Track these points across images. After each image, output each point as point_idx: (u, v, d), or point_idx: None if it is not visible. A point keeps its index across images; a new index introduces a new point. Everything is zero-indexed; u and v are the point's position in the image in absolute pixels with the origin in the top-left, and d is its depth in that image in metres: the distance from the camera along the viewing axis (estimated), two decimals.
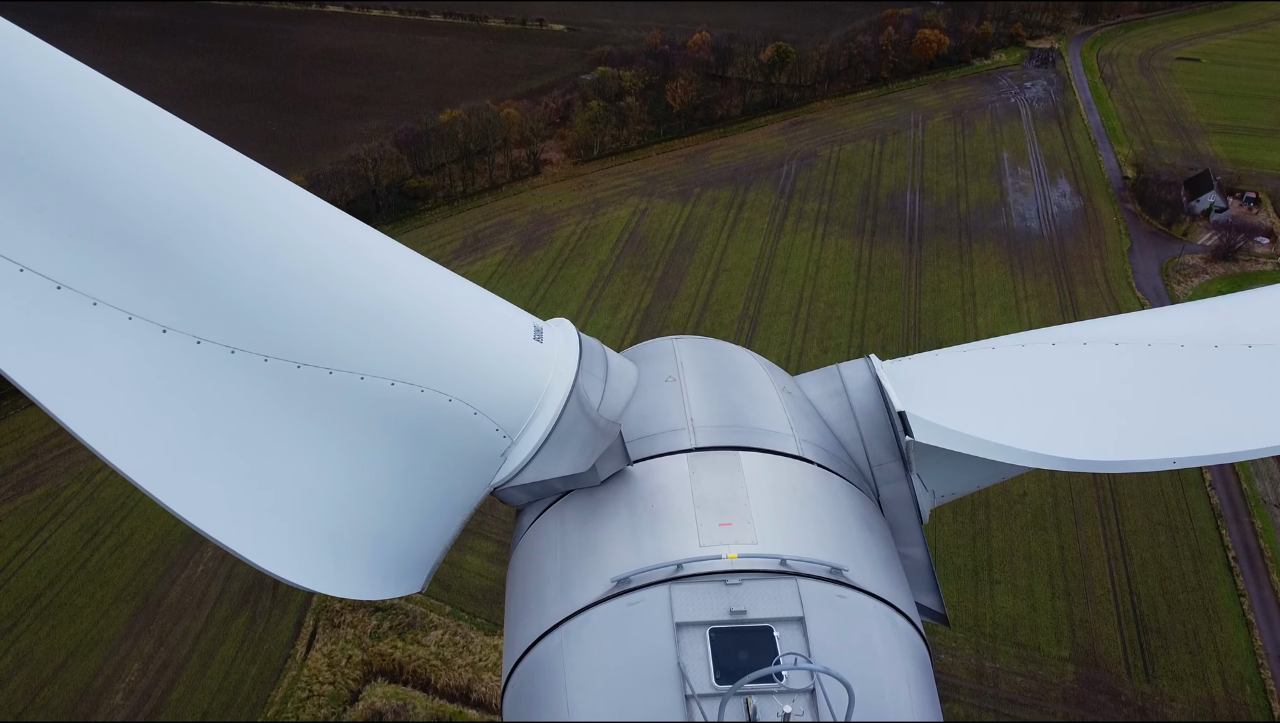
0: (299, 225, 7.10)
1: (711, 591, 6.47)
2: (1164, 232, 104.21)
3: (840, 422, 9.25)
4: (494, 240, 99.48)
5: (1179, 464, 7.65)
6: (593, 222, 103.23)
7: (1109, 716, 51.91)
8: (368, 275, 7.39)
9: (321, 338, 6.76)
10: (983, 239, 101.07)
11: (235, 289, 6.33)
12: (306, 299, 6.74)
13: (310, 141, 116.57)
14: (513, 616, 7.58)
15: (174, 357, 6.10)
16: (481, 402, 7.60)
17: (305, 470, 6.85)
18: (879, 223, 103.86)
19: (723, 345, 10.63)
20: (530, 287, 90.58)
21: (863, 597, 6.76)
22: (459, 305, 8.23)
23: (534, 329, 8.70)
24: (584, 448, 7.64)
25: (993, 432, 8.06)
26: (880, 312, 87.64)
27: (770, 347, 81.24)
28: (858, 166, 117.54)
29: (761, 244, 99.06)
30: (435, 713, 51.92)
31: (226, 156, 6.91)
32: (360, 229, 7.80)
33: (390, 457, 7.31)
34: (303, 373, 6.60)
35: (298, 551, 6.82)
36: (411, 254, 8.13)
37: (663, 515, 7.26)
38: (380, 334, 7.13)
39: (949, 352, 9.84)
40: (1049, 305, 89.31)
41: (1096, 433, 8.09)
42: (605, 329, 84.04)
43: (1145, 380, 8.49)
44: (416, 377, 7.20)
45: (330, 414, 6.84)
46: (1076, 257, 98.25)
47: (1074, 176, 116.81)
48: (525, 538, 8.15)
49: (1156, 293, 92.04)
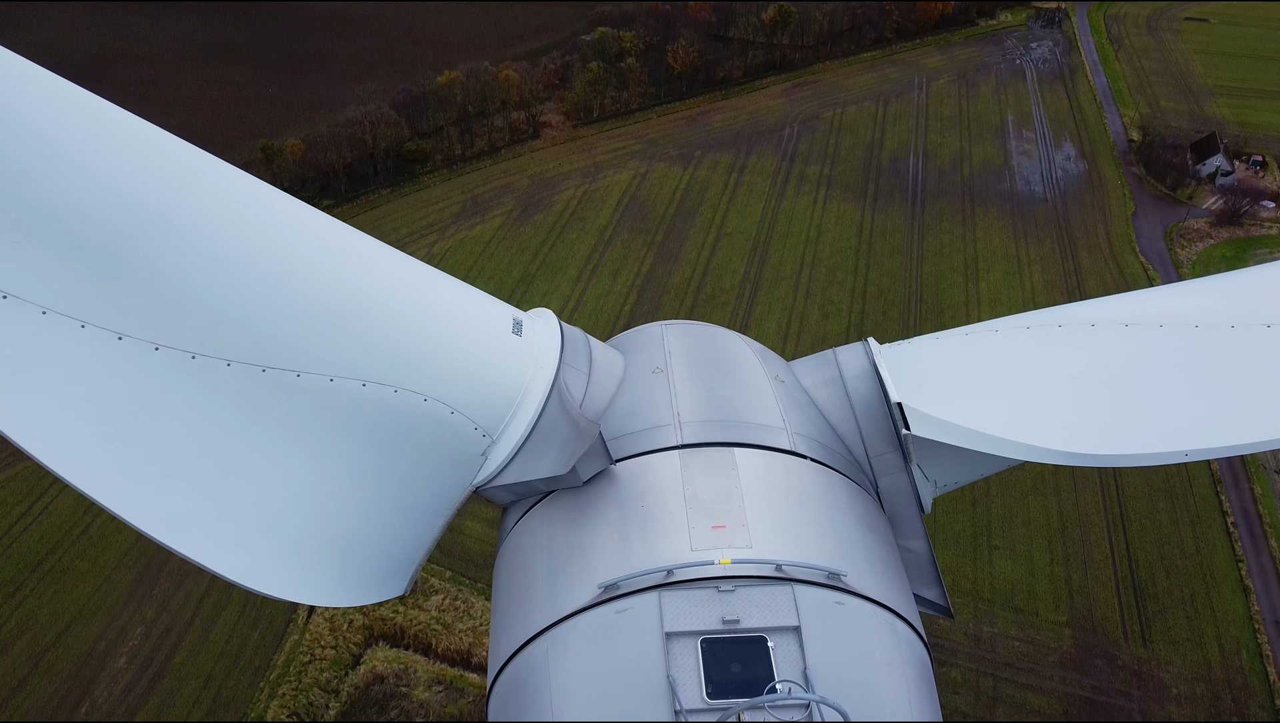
0: (260, 222, 6.75)
1: (703, 598, 6.20)
2: (1169, 196, 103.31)
3: (836, 411, 8.90)
4: (493, 204, 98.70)
5: (1192, 457, 7.28)
6: (593, 186, 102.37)
7: (1105, 681, 52.28)
8: (335, 273, 7.06)
9: (287, 340, 6.46)
10: (986, 203, 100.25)
11: (195, 292, 6.02)
12: (270, 300, 6.42)
13: (307, 104, 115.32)
14: (499, 617, 7.35)
15: (131, 365, 5.80)
16: (458, 401, 7.30)
17: (274, 477, 6.59)
18: (881, 187, 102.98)
19: (714, 332, 10.23)
20: (530, 252, 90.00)
21: (861, 603, 6.49)
22: (432, 301, 7.88)
23: (513, 322, 8.37)
24: (564, 448, 7.34)
25: (995, 425, 7.71)
26: (882, 277, 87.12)
27: (771, 312, 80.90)
28: (860, 130, 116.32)
29: (763, 208, 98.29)
30: (436, 677, 52.33)
31: (182, 153, 6.55)
32: (328, 224, 7.43)
33: (365, 460, 7.04)
34: (269, 377, 6.32)
35: (269, 560, 6.57)
36: (383, 248, 7.79)
37: (653, 517, 6.97)
38: (349, 334, 6.82)
39: (950, 335, 9.44)
40: (1051, 270, 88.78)
41: (1105, 424, 7.72)
42: (605, 295, 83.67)
43: (1156, 365, 8.04)
44: (389, 377, 6.90)
45: (300, 418, 6.56)
46: (1080, 221, 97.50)
47: (1079, 140, 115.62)
48: (512, 536, 7.90)
49: (1160, 258, 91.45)
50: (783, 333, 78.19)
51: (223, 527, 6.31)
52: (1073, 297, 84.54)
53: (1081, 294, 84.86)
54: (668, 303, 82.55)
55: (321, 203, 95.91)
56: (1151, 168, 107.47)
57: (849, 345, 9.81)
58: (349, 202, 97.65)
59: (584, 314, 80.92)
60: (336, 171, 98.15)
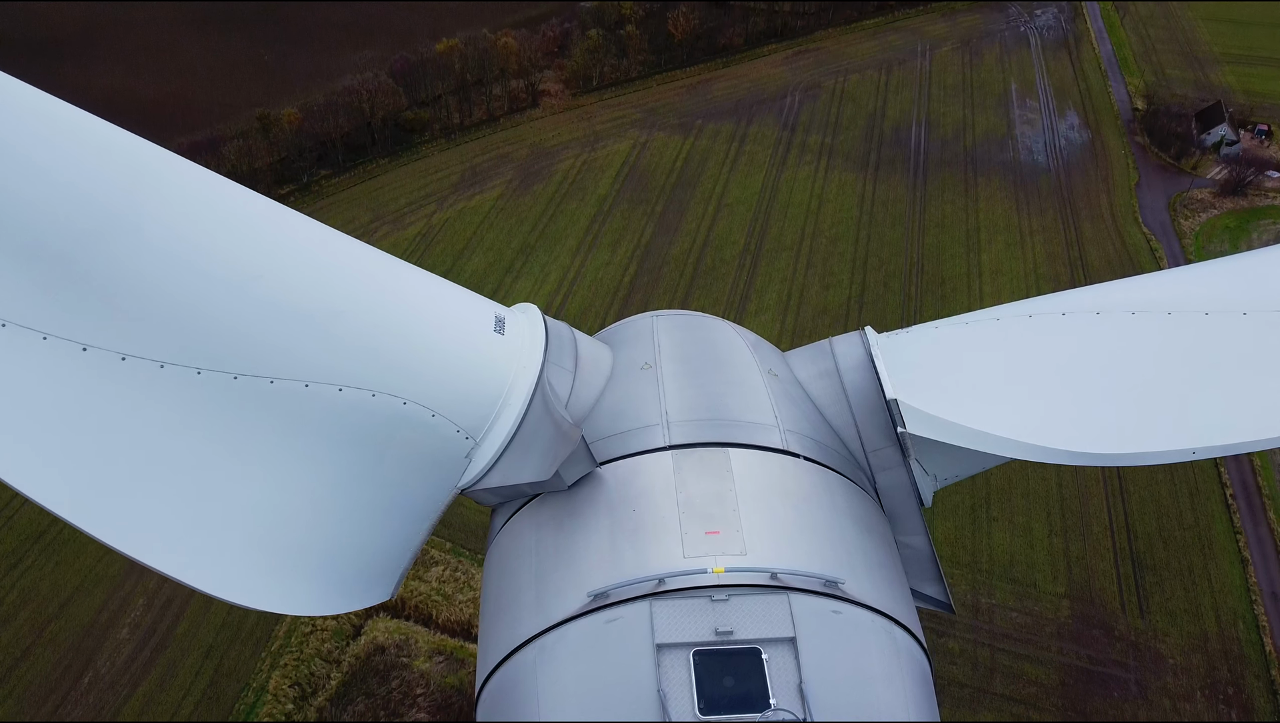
0: (227, 224, 6.49)
1: (696, 607, 6.03)
2: (1173, 165, 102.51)
3: (832, 405, 8.69)
4: (492, 174, 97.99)
5: (1199, 455, 7.07)
6: (592, 155, 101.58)
7: (1102, 652, 52.58)
8: (306, 275, 6.82)
9: (258, 346, 6.25)
10: (988, 173, 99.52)
11: (160, 299, 5.79)
12: (240, 305, 6.20)
13: (303, 73, 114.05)
14: (487, 621, 7.20)
15: (97, 376, 5.60)
16: (439, 403, 7.10)
17: (250, 486, 6.41)
18: (883, 157, 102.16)
19: (706, 323, 9.97)
20: (529, 223, 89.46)
21: (859, 611, 6.33)
22: (410, 300, 7.64)
23: (495, 319, 8.14)
24: (547, 453, 7.15)
25: (995, 422, 7.49)
26: (883, 248, 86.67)
27: (771, 284, 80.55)
28: (863, 98, 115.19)
29: (764, 178, 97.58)
30: (437, 647, 52.65)
31: (142, 152, 6.29)
32: (299, 223, 7.16)
33: (344, 466, 6.85)
34: (240, 384, 6.11)
35: (246, 571, 6.40)
36: (357, 246, 7.54)
37: (645, 522, 6.79)
38: (323, 338, 6.60)
39: (950, 324, 9.17)
40: (1054, 241, 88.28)
41: (1109, 421, 7.47)
42: (605, 266, 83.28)
43: (1164, 356, 7.73)
44: (366, 381, 6.70)
45: (274, 426, 6.37)
46: (1083, 191, 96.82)
47: (1083, 109, 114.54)
48: (500, 538, 7.74)
49: (1163, 229, 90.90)
50: (783, 305, 77.92)
51: (197, 539, 6.14)
52: (1074, 268, 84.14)
53: (1084, 266, 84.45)
54: (668, 274, 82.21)
55: (319, 173, 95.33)
56: (1156, 137, 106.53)
57: (845, 335, 9.56)
58: (347, 172, 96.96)
59: (583, 286, 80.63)
60: (334, 141, 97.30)
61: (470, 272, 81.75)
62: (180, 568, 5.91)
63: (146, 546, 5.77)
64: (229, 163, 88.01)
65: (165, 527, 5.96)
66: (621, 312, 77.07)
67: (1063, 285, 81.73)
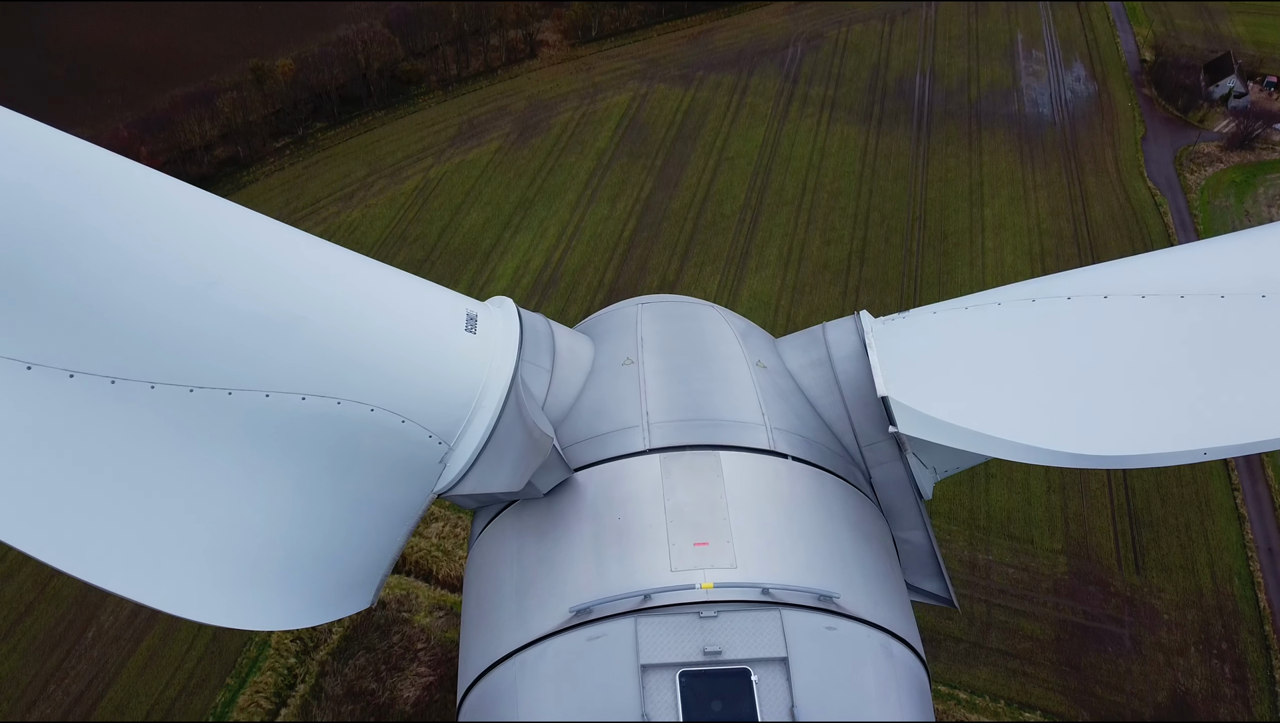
0: (177, 230, 6.09)
1: (683, 625, 5.74)
2: (1180, 118, 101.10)
3: (824, 397, 8.31)
4: (490, 127, 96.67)
5: (1211, 456, 6.68)
6: (591, 107, 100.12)
7: (1097, 607, 52.98)
8: (263, 281, 6.44)
9: (215, 357, 5.92)
10: (993, 126, 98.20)
11: (108, 312, 5.45)
12: (193, 315, 5.85)
13: (297, 22, 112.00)
14: (468, 630, 6.97)
15: (44, 395, 5.29)
16: (408, 409, 6.77)
17: (212, 502, 6.13)
18: (886, 109, 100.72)
19: (692, 311, 9.52)
20: (527, 177, 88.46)
21: (854, 626, 6.06)
22: (375, 302, 7.26)
23: (467, 317, 7.78)
24: (519, 463, 6.83)
25: (992, 421, 7.10)
26: (885, 202, 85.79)
27: (772, 239, 79.86)
28: (866, 49, 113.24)
29: (765, 131, 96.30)
30: (437, 603, 53.08)
31: (86, 158, 5.87)
32: (255, 225, 6.74)
33: (312, 475, 6.56)
34: (197, 397, 5.80)
35: (214, 589, 6.15)
36: (319, 246, 7.14)
37: (630, 532, 6.48)
38: (282, 346, 6.26)
39: (950, 308, 8.70)
40: (1057, 196, 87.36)
41: (1116, 418, 7.03)
42: (605, 220, 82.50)
43: (1175, 345, 7.21)
44: (330, 388, 6.37)
45: (235, 438, 6.06)
46: (1088, 144, 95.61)
47: (1089, 60, 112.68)
48: (481, 541, 7.49)
49: (1169, 183, 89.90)
50: (784, 261, 77.31)
51: (156, 559, 5.89)
52: (1078, 223, 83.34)
53: (1087, 221, 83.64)
54: (668, 230, 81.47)
55: (314, 125, 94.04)
56: (1163, 89, 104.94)
57: (839, 321, 9.13)
58: (342, 124, 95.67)
59: (582, 241, 79.95)
60: (329, 93, 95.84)
61: (468, 227, 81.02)
62: (139, 590, 5.68)
63: (100, 568, 5.53)
64: (223, 116, 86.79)
65: (120, 548, 5.71)
66: (621, 268, 76.57)
67: (1065, 241, 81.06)
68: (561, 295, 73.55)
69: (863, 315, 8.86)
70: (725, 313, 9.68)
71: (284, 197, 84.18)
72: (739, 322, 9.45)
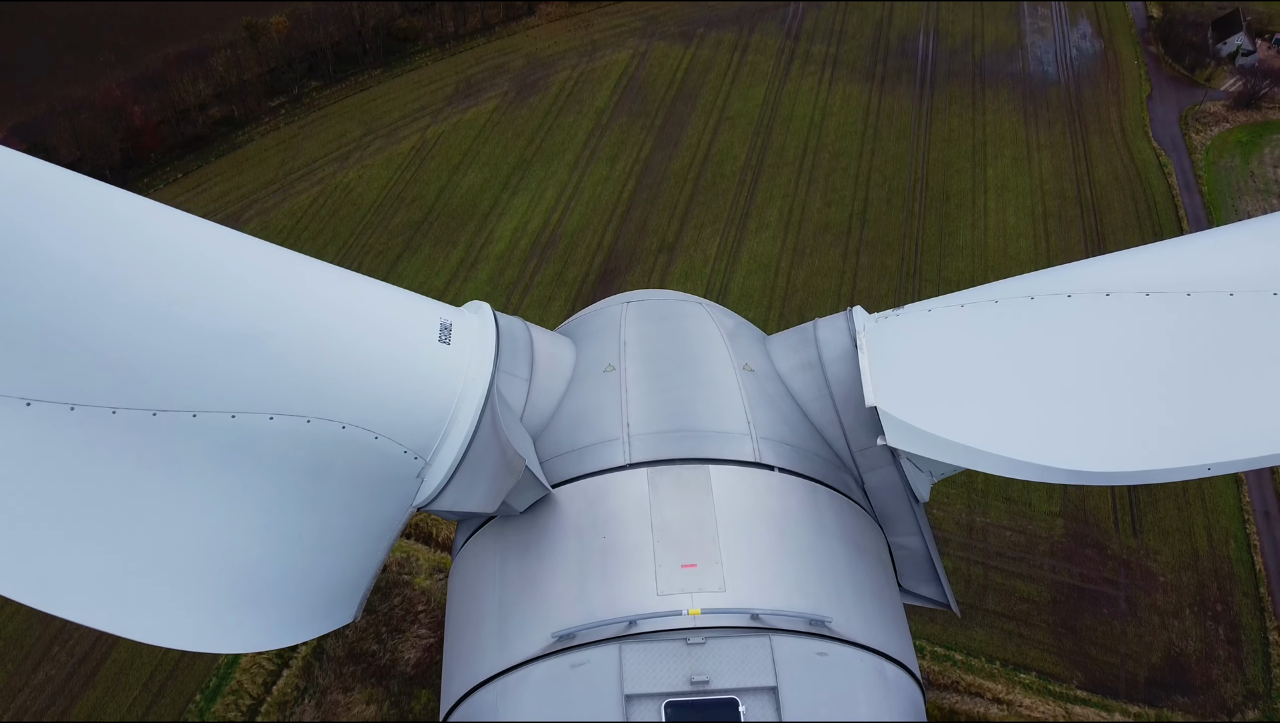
0: (135, 249, 5.79)
1: (669, 652, 5.57)
2: (1186, 77, 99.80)
3: (815, 401, 8.03)
4: (488, 86, 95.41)
5: (1215, 471, 6.36)
6: (590, 66, 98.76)
7: (1094, 570, 53.30)
8: (225, 298, 6.17)
9: (177, 378, 5.68)
10: (997, 85, 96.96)
11: (64, 337, 5.20)
12: (152, 336, 5.60)
13: None
14: (450, 647, 6.82)
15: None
16: (381, 425, 6.52)
17: (180, 527, 5.92)
18: (889, 68, 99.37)
19: (678, 311, 9.16)
20: (525, 137, 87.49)
21: (847, 650, 5.89)
22: (343, 315, 6.94)
23: (440, 327, 7.47)
24: (492, 483, 6.61)
25: (987, 434, 6.80)
26: (887, 163, 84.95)
27: (773, 200, 79.19)
28: (869, 5, 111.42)
29: (766, 90, 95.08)
30: (437, 565, 53.39)
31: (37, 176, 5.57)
32: (217, 240, 6.42)
33: (284, 495, 6.34)
34: (161, 421, 5.57)
35: (190, 614, 5.96)
36: (286, 258, 6.81)
37: (615, 552, 6.28)
38: (246, 364, 6.01)
39: (945, 306, 8.32)
40: (1061, 156, 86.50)
41: (1115, 431, 6.68)
42: (604, 181, 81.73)
43: (1180, 349, 6.79)
44: (298, 407, 6.12)
45: (203, 461, 5.84)
46: (1093, 104, 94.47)
47: (1096, 17, 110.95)
48: (464, 554, 7.31)
49: (1174, 143, 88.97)
50: (784, 222, 76.70)
51: (124, 588, 5.69)
52: (1081, 185, 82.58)
53: (1090, 182, 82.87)
54: (667, 190, 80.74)
55: (310, 84, 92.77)
56: (1170, 47, 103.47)
57: (831, 318, 8.79)
58: (338, 83, 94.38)
59: (581, 202, 79.26)
60: (324, 51, 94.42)
61: (466, 188, 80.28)
62: (106, 620, 5.50)
63: (64, 600, 5.35)
64: (217, 74, 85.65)
65: (84, 578, 5.52)
66: (620, 229, 75.99)
67: (1068, 202, 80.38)
68: (560, 257, 73.07)
69: (855, 313, 8.55)
70: (714, 310, 9.36)
71: (279, 157, 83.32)
72: (727, 320, 9.11)
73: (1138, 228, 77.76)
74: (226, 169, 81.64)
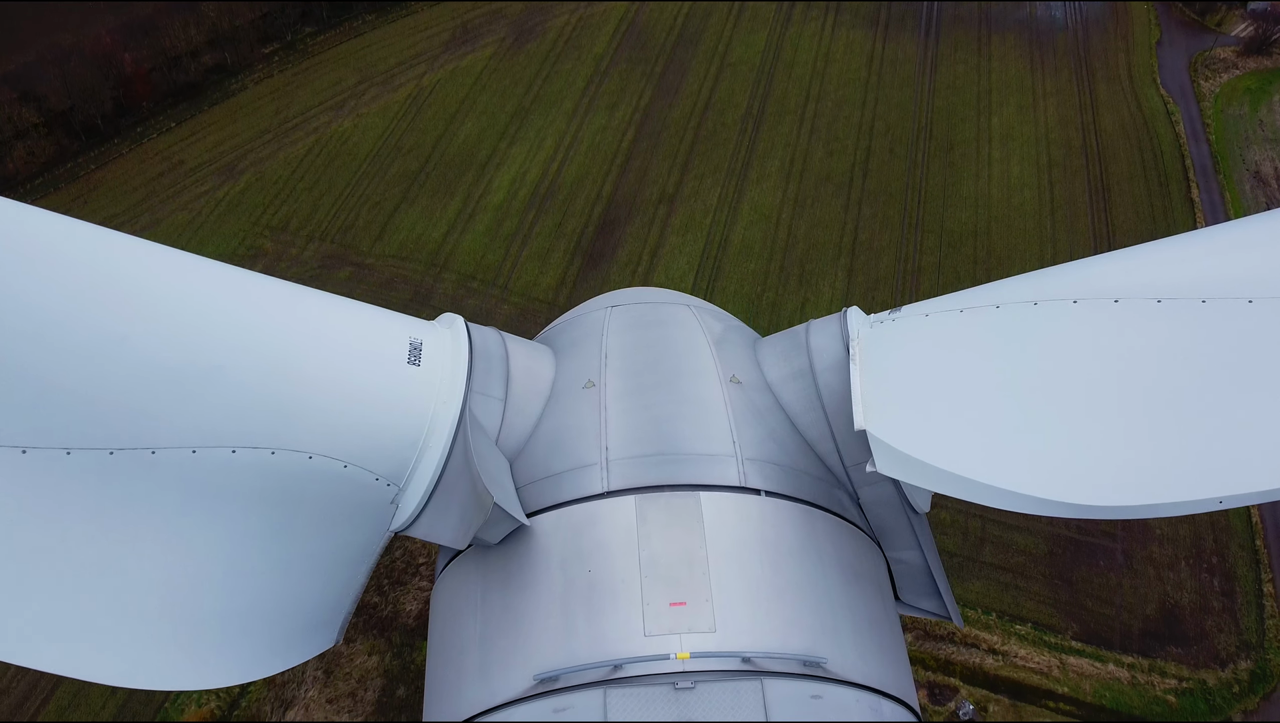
0: (82, 284, 5.48)
1: (657, 697, 5.40)
2: (1197, 22, 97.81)
3: (806, 413, 7.71)
4: (484, 32, 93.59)
5: (1226, 504, 5.95)
6: (588, 10, 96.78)
7: (1090, 522, 53.57)
8: (179, 329, 5.90)
9: (133, 415, 5.45)
10: (1003, 31, 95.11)
11: (11, 379, 4.94)
12: (104, 373, 5.36)
13: None
14: (432, 672, 6.67)
15: None
16: (349, 453, 6.28)
17: (144, 565, 5.72)
18: (894, 13, 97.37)
19: (664, 316, 8.77)
20: (523, 84, 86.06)
21: (843, 691, 5.71)
22: (305, 341, 6.62)
23: (409, 347, 7.14)
24: (463, 517, 6.38)
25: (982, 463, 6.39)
26: (890, 111, 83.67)
27: (774, 150, 78.14)
28: None
29: (768, 36, 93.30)
30: None
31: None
32: (169, 268, 6.06)
33: (253, 527, 6.14)
34: (118, 460, 5.36)
35: (160, 653, 5.79)
36: (245, 283, 6.45)
37: (601, 588, 6.07)
38: (204, 397, 5.78)
39: (944, 309, 7.82)
40: (1067, 105, 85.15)
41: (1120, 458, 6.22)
42: (603, 130, 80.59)
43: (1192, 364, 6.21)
44: (261, 439, 5.88)
45: (164, 498, 5.64)
46: (1100, 50, 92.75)
47: None
48: (446, 575, 7.14)
49: (1182, 91, 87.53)
50: (785, 173, 75.77)
51: (86, 632, 5.51)
52: (1087, 133, 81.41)
53: (1097, 131, 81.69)
54: (667, 139, 79.65)
55: (303, 30, 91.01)
56: None
57: (824, 322, 8.38)
58: (332, 29, 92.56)
59: (580, 152, 78.23)
60: None
61: (464, 137, 79.18)
62: (72, 666, 5.33)
63: (25, 649, 5.17)
64: (209, 21, 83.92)
65: (45, 626, 5.34)
66: (620, 180, 75.11)
67: (1074, 152, 79.31)
68: (559, 208, 72.32)
69: (850, 315, 8.12)
70: (702, 314, 8.96)
71: (273, 106, 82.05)
72: (716, 325, 8.71)
73: (1143, 178, 76.83)
74: (220, 118, 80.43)
